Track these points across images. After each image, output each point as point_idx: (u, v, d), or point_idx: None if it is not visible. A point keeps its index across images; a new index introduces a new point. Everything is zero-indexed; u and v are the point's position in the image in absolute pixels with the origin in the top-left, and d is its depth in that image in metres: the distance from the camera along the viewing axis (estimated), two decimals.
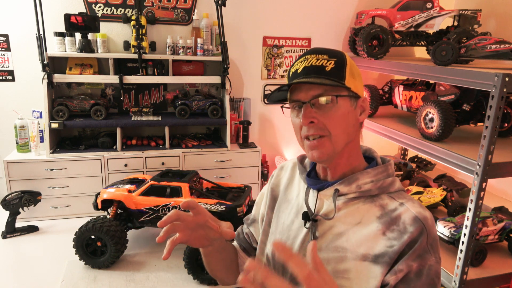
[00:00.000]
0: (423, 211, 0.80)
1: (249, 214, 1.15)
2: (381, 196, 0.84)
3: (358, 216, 0.83)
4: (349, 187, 0.84)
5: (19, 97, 2.23)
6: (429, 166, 2.62)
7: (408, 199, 0.83)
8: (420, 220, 0.78)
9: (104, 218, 1.71)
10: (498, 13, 2.41)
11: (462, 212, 1.96)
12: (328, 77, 0.81)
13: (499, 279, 1.66)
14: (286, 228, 0.93)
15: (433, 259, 0.77)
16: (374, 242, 0.79)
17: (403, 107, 2.25)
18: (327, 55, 0.83)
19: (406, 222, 0.78)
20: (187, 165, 2.26)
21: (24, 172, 2.04)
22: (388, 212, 0.81)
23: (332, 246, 0.83)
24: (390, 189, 0.85)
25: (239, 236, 1.13)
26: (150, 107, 2.33)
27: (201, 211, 0.89)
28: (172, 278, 1.64)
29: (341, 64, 0.82)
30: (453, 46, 1.79)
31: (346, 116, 0.83)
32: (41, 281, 1.59)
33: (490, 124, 1.44)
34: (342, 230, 0.83)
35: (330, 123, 0.82)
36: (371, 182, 0.84)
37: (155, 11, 2.33)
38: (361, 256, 0.79)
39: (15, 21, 2.15)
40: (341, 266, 0.80)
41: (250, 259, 0.69)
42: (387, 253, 0.77)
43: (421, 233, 0.77)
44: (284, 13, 2.57)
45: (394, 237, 0.78)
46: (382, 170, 0.86)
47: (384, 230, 0.79)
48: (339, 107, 0.82)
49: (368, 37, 2.30)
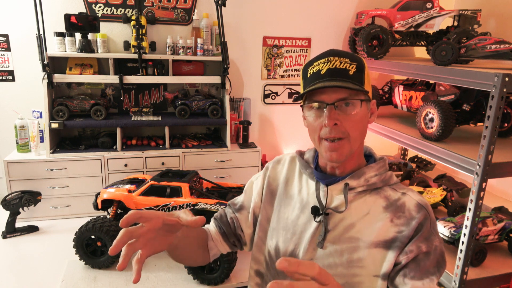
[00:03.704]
0: (422, 199, 0.89)
1: (235, 198, 1.12)
2: (384, 188, 0.91)
3: (366, 207, 0.89)
4: (358, 181, 0.89)
5: (19, 97, 2.23)
6: (429, 166, 2.62)
7: (408, 189, 0.91)
8: (423, 206, 0.86)
9: (104, 218, 1.71)
10: (498, 13, 2.41)
11: (462, 212, 1.96)
12: (352, 81, 0.84)
13: (499, 279, 1.66)
14: (291, 224, 0.95)
15: (437, 240, 0.85)
16: (384, 229, 0.85)
17: (403, 107, 2.25)
18: (349, 59, 0.86)
19: (411, 209, 0.86)
20: (187, 165, 2.26)
21: (24, 172, 2.04)
22: (392, 202, 0.88)
23: (345, 238, 0.87)
24: (391, 181, 0.92)
25: (221, 219, 1.08)
26: (150, 107, 2.33)
27: (151, 216, 0.77)
28: (172, 278, 1.64)
29: (361, 69, 0.86)
30: (453, 46, 1.79)
31: (364, 119, 0.89)
32: (41, 281, 1.59)
33: (490, 124, 1.44)
34: (353, 221, 0.88)
35: (351, 126, 0.86)
36: (375, 175, 0.91)
37: (155, 11, 2.33)
38: (373, 243, 0.85)
39: (15, 21, 2.15)
40: (355, 256, 0.86)
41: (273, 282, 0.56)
42: (398, 238, 0.84)
43: (425, 218, 0.85)
44: (284, 13, 2.57)
45: (402, 223, 0.85)
46: (383, 164, 0.94)
47: (392, 218, 0.86)
48: (360, 111, 0.86)
49: (368, 37, 2.30)
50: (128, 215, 0.73)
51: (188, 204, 1.72)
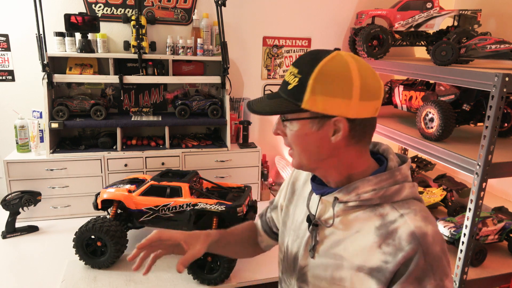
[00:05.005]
0: (424, 226, 0.73)
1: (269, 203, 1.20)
2: (383, 205, 0.78)
3: (358, 225, 0.79)
4: (348, 196, 0.79)
5: (19, 97, 2.23)
6: (429, 166, 2.62)
7: (411, 210, 0.76)
8: (417, 237, 0.71)
9: (104, 218, 1.71)
10: (498, 13, 2.41)
11: (462, 212, 1.96)
12: (285, 97, 0.79)
13: (499, 279, 1.66)
14: (298, 227, 0.93)
15: (432, 282, 0.70)
16: (369, 254, 0.75)
17: (403, 107, 2.25)
18: (298, 69, 0.78)
19: (402, 238, 0.72)
20: (187, 165, 2.26)
21: (24, 172, 2.04)
22: (387, 223, 0.76)
23: (331, 253, 0.82)
24: (395, 198, 0.78)
25: (262, 218, 1.17)
26: (150, 107, 2.33)
27: (170, 238, 0.97)
28: (172, 278, 1.64)
29: (303, 84, 0.75)
30: (453, 46, 1.79)
31: (304, 138, 0.79)
32: (41, 281, 1.59)
33: (490, 124, 1.44)
34: (341, 237, 0.81)
35: (292, 141, 0.82)
36: (372, 190, 0.78)
37: (155, 11, 2.33)
38: (356, 267, 0.77)
39: (15, 21, 2.15)
40: (337, 274, 0.79)
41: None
42: (382, 269, 0.73)
43: (416, 253, 0.70)
44: (284, 13, 2.57)
45: (389, 252, 0.73)
46: (387, 177, 0.79)
47: (380, 243, 0.74)
48: (293, 128, 0.80)
49: (368, 37, 2.30)
50: (151, 237, 0.95)
51: (188, 204, 1.72)
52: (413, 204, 0.78)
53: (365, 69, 0.77)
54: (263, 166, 2.56)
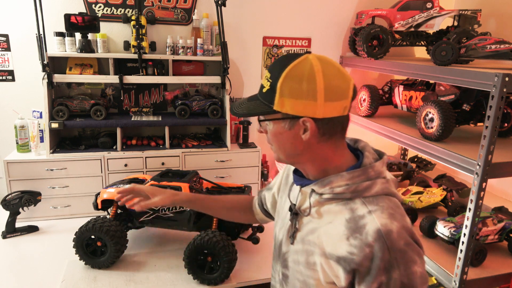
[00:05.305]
0: (389, 223, 0.78)
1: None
2: (355, 200, 0.84)
3: (331, 216, 0.86)
4: (323, 189, 0.86)
5: (19, 97, 2.23)
6: (429, 166, 2.62)
7: (379, 207, 0.81)
8: (382, 234, 0.77)
9: (104, 218, 1.71)
10: (498, 13, 2.41)
11: (462, 212, 1.96)
12: (261, 100, 0.88)
13: (499, 279, 1.66)
14: (284, 216, 1.00)
15: (397, 272, 0.76)
16: (338, 244, 0.82)
17: (403, 107, 2.25)
18: (270, 74, 0.85)
19: (368, 234, 0.78)
20: (187, 165, 2.26)
21: (24, 172, 2.04)
22: (356, 217, 0.81)
23: (307, 239, 0.89)
24: (366, 193, 0.83)
25: (259, 194, 1.32)
26: (150, 107, 2.33)
27: (141, 190, 1.35)
28: (172, 278, 1.64)
29: (273, 87, 0.83)
30: (453, 46, 1.79)
31: (278, 136, 0.89)
32: (41, 281, 1.59)
33: (490, 124, 1.44)
34: (316, 226, 0.88)
35: (270, 138, 0.92)
36: (345, 185, 0.84)
37: (155, 11, 2.33)
38: (326, 254, 0.84)
39: (15, 21, 2.15)
40: (311, 259, 0.87)
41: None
42: (347, 259, 0.79)
43: (381, 248, 0.76)
44: (284, 13, 2.57)
45: (356, 245, 0.79)
46: (359, 174, 0.84)
47: (348, 236, 0.80)
48: (270, 127, 0.90)
49: (368, 37, 2.30)
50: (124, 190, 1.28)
51: None
52: (382, 201, 0.83)
53: (331, 71, 0.81)
54: (263, 166, 2.55)
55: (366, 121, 2.33)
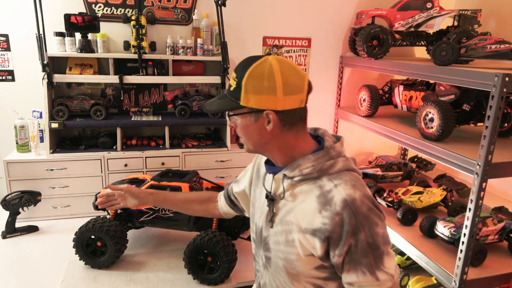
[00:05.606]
0: (353, 193, 0.90)
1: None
2: (322, 178, 0.95)
3: (303, 195, 0.96)
4: (293, 172, 0.97)
5: (19, 97, 2.23)
6: (429, 166, 2.62)
7: (343, 181, 0.93)
8: (348, 202, 0.89)
9: (104, 218, 1.71)
10: (498, 13, 2.41)
11: (462, 212, 1.96)
12: (229, 97, 0.97)
13: (499, 279, 1.66)
14: (262, 205, 1.09)
15: (362, 234, 0.88)
16: (312, 218, 0.92)
17: (403, 107, 2.25)
18: (236, 74, 0.95)
19: (336, 204, 0.89)
20: (187, 165, 2.26)
21: (24, 172, 2.04)
22: (324, 192, 0.92)
23: (285, 220, 0.99)
24: (330, 170, 0.95)
25: (226, 186, 1.39)
26: (150, 107, 2.33)
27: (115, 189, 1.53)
28: (172, 278, 1.64)
29: (239, 85, 0.94)
30: (453, 46, 1.79)
31: (246, 128, 0.99)
32: (41, 281, 1.59)
33: (490, 124, 1.44)
34: (291, 207, 0.98)
35: (238, 131, 1.02)
36: (312, 166, 0.95)
37: (155, 11, 2.33)
38: (303, 229, 0.94)
39: (15, 21, 2.15)
40: (290, 237, 0.97)
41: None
42: (321, 229, 0.90)
43: (348, 214, 0.88)
44: (284, 13, 2.57)
45: (327, 216, 0.90)
46: (323, 154, 0.97)
47: (320, 209, 0.91)
48: (238, 121, 1.00)
49: (368, 37, 2.30)
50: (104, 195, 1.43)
51: None
52: (345, 175, 0.95)
53: (288, 69, 0.94)
54: None
55: (366, 121, 2.33)
